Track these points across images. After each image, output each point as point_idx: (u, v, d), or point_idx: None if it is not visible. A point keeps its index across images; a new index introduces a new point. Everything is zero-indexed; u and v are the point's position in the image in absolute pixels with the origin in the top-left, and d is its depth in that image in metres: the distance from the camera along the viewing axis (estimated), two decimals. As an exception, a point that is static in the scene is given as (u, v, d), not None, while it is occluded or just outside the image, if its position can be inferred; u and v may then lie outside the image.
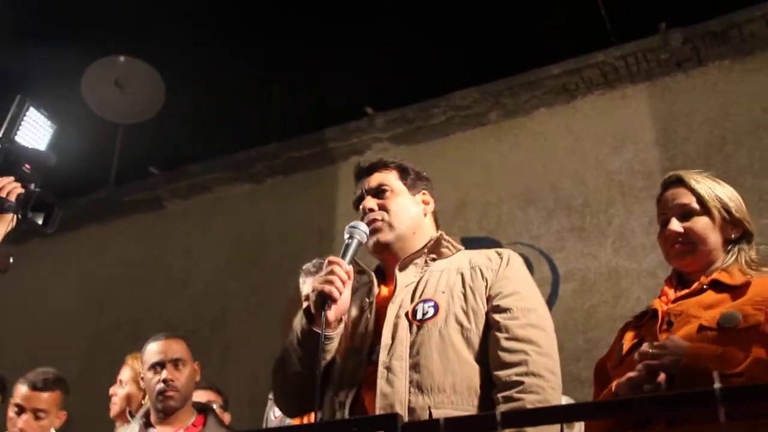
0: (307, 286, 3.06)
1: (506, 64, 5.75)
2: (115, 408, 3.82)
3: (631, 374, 1.80)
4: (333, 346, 2.08)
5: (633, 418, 1.70)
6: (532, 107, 5.81)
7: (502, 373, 1.94)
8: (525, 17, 5.74)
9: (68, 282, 7.04)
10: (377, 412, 1.92)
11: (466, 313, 2.06)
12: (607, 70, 5.51)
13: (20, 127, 2.54)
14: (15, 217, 2.46)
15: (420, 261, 2.23)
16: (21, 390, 3.54)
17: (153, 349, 3.25)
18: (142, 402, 3.64)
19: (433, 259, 2.24)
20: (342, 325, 2.10)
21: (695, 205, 2.09)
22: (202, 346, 3.90)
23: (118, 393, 3.83)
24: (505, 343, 1.98)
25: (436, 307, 2.07)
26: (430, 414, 1.89)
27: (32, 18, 5.80)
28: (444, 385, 1.95)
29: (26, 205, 2.48)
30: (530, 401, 1.87)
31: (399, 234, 2.24)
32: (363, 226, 2.18)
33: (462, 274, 2.15)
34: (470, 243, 5.61)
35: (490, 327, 2.04)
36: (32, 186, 2.51)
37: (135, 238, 7.01)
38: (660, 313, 2.01)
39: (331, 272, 2.02)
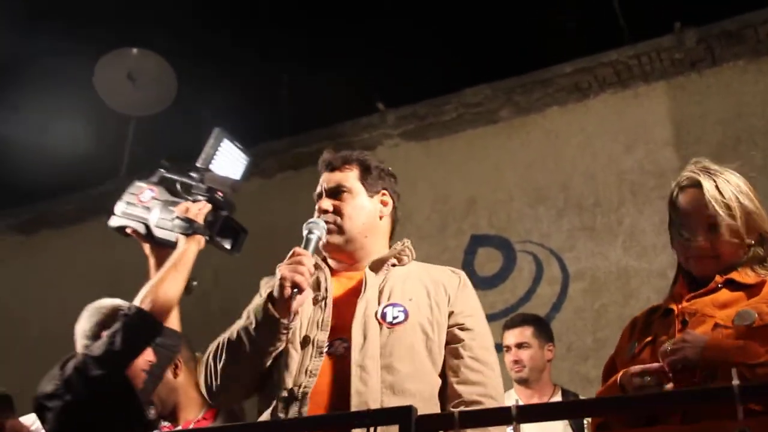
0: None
1: (519, 61, 5.73)
2: None
3: (639, 367, 1.79)
4: (288, 336, 2.08)
5: (648, 413, 1.69)
6: (544, 105, 5.78)
7: (464, 389, 2.07)
8: (539, 15, 5.72)
9: (77, 273, 7.04)
10: (353, 409, 1.94)
11: (431, 324, 2.15)
12: (621, 68, 5.49)
13: (215, 158, 2.71)
14: (204, 239, 2.60)
15: (385, 265, 2.27)
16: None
17: None
18: None
19: (394, 264, 2.29)
20: (297, 317, 2.10)
21: (721, 213, 1.99)
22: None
23: None
24: (468, 362, 2.11)
25: (406, 313, 2.13)
26: None
27: (46, 8, 5.81)
28: (413, 390, 2.02)
29: (212, 228, 2.61)
30: None
31: (349, 237, 2.28)
32: (322, 223, 2.23)
33: (426, 287, 2.22)
34: (480, 240, 5.61)
35: (450, 342, 2.16)
36: (223, 212, 2.65)
37: (144, 231, 7.01)
38: (675, 312, 1.99)
39: (299, 263, 2.04)
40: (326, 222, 2.25)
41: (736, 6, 5.12)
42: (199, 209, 2.59)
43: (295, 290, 2.00)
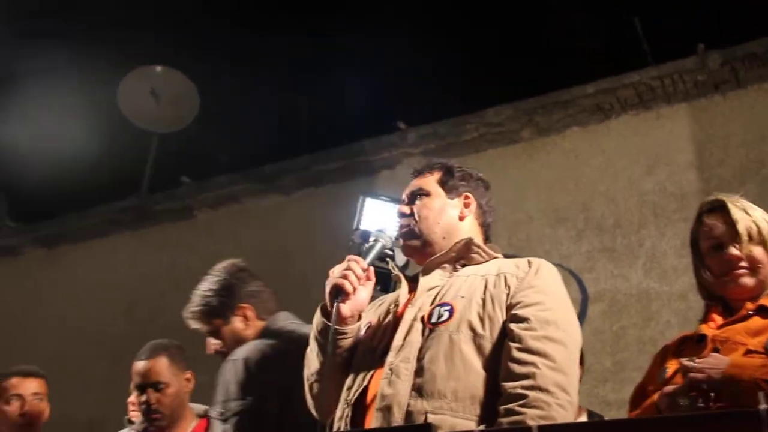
0: None
1: (540, 82, 5.73)
2: (135, 414, 3.81)
3: (676, 388, 1.78)
4: (346, 342, 2.09)
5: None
6: (564, 126, 5.76)
7: (508, 385, 1.88)
8: (562, 36, 5.73)
9: (97, 288, 7.08)
10: (375, 413, 1.93)
11: (481, 320, 2.01)
12: (643, 90, 5.46)
13: (362, 217, 3.06)
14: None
15: (448, 266, 2.22)
16: (10, 382, 3.57)
17: (136, 370, 3.33)
18: None
19: (463, 265, 2.22)
20: (358, 323, 2.12)
21: (752, 233, 2.07)
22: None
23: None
24: (516, 354, 1.91)
25: (451, 311, 2.04)
26: (425, 419, 1.88)
27: (71, 24, 5.89)
28: (445, 391, 1.92)
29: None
30: (531, 416, 1.78)
31: (425, 240, 2.25)
32: (389, 231, 2.27)
33: (486, 280, 2.10)
34: (499, 260, 5.57)
35: (506, 336, 1.98)
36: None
37: (165, 247, 7.05)
38: (708, 339, 1.98)
39: (347, 267, 2.07)
40: (402, 226, 2.28)
41: (762, 28, 5.09)
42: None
43: (341, 294, 2.03)
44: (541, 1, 5.93)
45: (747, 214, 2.07)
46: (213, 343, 3.11)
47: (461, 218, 2.32)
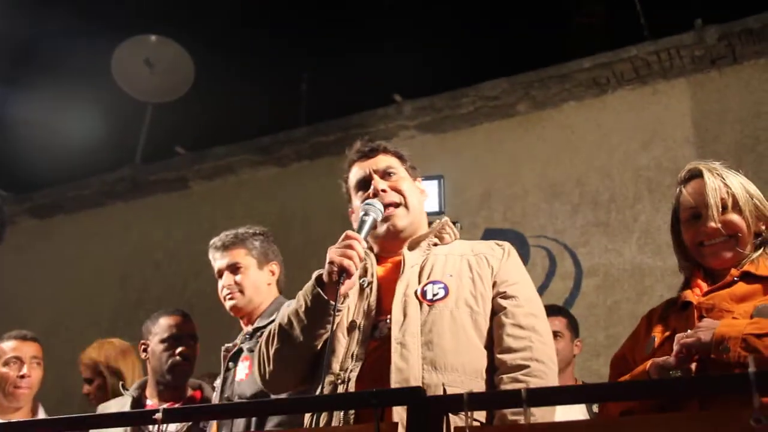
0: (217, 263, 3.07)
1: (537, 55, 5.71)
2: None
3: (667, 358, 1.78)
4: (338, 320, 2.08)
5: (664, 399, 1.69)
6: (561, 100, 5.75)
7: (507, 357, 2.00)
8: (559, 9, 5.70)
9: (92, 259, 7.09)
10: (393, 386, 1.93)
11: (474, 297, 2.10)
12: (639, 65, 5.44)
13: None
14: None
15: (425, 243, 2.26)
16: (9, 345, 3.56)
17: (169, 323, 3.30)
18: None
19: (435, 244, 2.27)
20: (346, 301, 2.12)
21: (728, 200, 2.05)
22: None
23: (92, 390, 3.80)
24: (510, 329, 2.04)
25: (446, 289, 2.10)
26: (444, 391, 1.92)
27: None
28: (456, 365, 1.98)
29: None
30: (534, 384, 1.92)
31: (412, 219, 2.28)
32: (379, 205, 2.21)
33: (468, 261, 2.19)
34: (494, 234, 5.58)
35: (495, 312, 2.10)
36: None
37: (159, 217, 7.05)
38: (693, 306, 1.97)
39: (350, 246, 2.03)
40: (389, 201, 2.24)
41: (759, 3, 5.07)
42: None
43: (343, 275, 1.99)
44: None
45: (724, 183, 2.05)
46: (228, 285, 3.01)
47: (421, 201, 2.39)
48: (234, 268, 3.03)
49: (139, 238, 7.02)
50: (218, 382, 2.97)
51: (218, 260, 3.08)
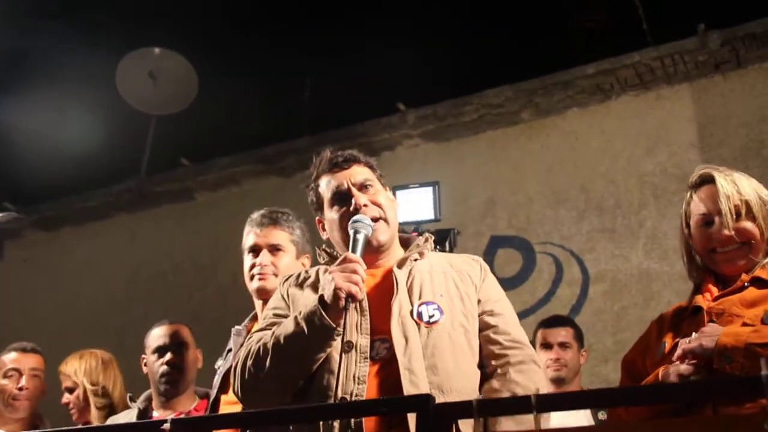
0: (258, 238, 2.93)
1: (540, 63, 5.71)
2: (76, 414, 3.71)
3: (679, 369, 1.76)
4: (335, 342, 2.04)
5: (677, 404, 1.67)
6: (564, 107, 5.75)
7: (506, 359, 2.06)
8: (562, 17, 5.70)
9: (98, 270, 7.09)
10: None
11: (465, 317, 2.12)
12: (643, 70, 5.44)
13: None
14: None
15: (409, 261, 2.22)
16: (9, 357, 3.57)
17: (158, 334, 3.35)
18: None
19: (415, 259, 2.23)
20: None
21: (741, 207, 2.02)
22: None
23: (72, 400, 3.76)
24: (505, 343, 2.10)
25: (441, 311, 2.09)
26: None
27: (69, 6, 5.86)
28: (459, 387, 1.99)
29: None
30: (538, 375, 2.07)
31: (392, 233, 2.26)
32: (367, 220, 2.16)
33: (453, 278, 2.19)
34: (500, 241, 5.58)
35: (482, 329, 2.14)
36: None
37: (164, 229, 7.05)
38: (704, 311, 1.96)
39: (354, 271, 2.00)
40: (371, 216, 2.18)
41: (762, 8, 5.07)
42: None
43: (349, 300, 1.97)
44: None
45: (737, 190, 2.02)
46: (264, 264, 2.82)
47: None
48: (275, 249, 2.87)
49: (145, 249, 7.02)
50: (220, 362, 2.89)
51: (259, 236, 2.91)
